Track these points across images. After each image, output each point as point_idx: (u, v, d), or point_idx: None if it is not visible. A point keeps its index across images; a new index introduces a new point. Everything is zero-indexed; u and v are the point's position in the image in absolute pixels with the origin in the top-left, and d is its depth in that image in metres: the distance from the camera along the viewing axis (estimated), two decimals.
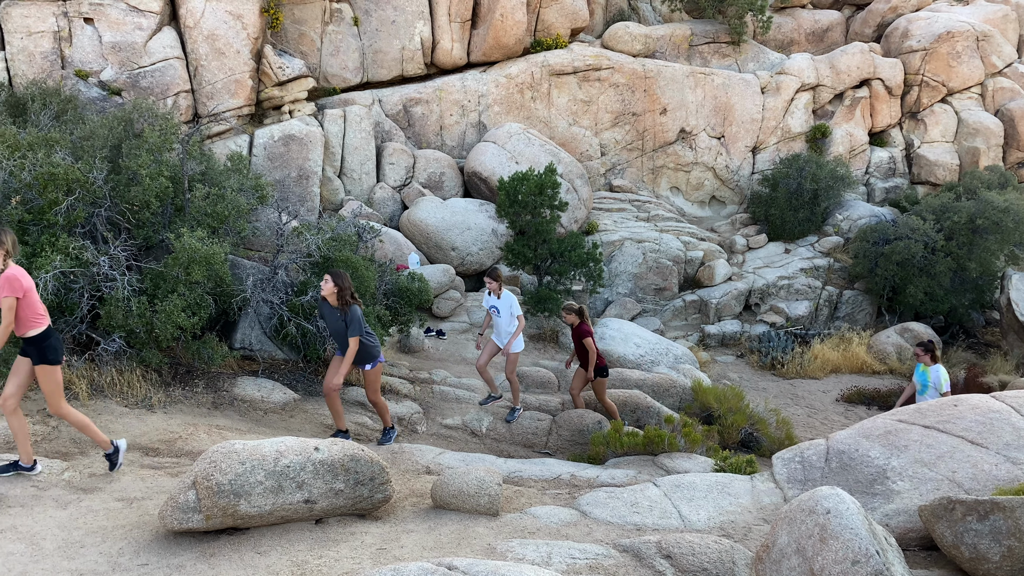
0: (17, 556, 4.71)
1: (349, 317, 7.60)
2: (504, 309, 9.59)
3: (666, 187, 20.79)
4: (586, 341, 9.52)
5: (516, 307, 9.61)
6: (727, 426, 10.26)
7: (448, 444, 9.26)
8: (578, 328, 9.62)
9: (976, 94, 22.80)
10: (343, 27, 17.52)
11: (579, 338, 9.59)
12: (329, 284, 7.59)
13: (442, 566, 3.56)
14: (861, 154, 21.94)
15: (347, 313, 7.62)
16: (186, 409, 8.35)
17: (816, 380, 15.31)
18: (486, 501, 5.57)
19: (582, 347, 9.62)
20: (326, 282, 7.61)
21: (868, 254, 17.80)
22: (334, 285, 7.59)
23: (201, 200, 9.17)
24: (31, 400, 7.63)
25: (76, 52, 14.27)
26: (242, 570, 4.56)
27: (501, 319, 9.64)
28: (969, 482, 5.44)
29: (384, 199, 16.72)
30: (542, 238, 14.34)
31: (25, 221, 8.18)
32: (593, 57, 19.54)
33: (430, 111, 18.09)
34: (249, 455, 4.97)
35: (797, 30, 24.30)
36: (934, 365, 9.26)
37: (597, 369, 9.64)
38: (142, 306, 8.05)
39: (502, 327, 9.68)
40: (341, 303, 7.62)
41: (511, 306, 9.57)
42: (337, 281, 7.60)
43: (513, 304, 9.59)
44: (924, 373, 9.32)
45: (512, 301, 9.59)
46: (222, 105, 14.98)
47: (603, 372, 9.71)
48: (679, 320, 17.34)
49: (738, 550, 4.86)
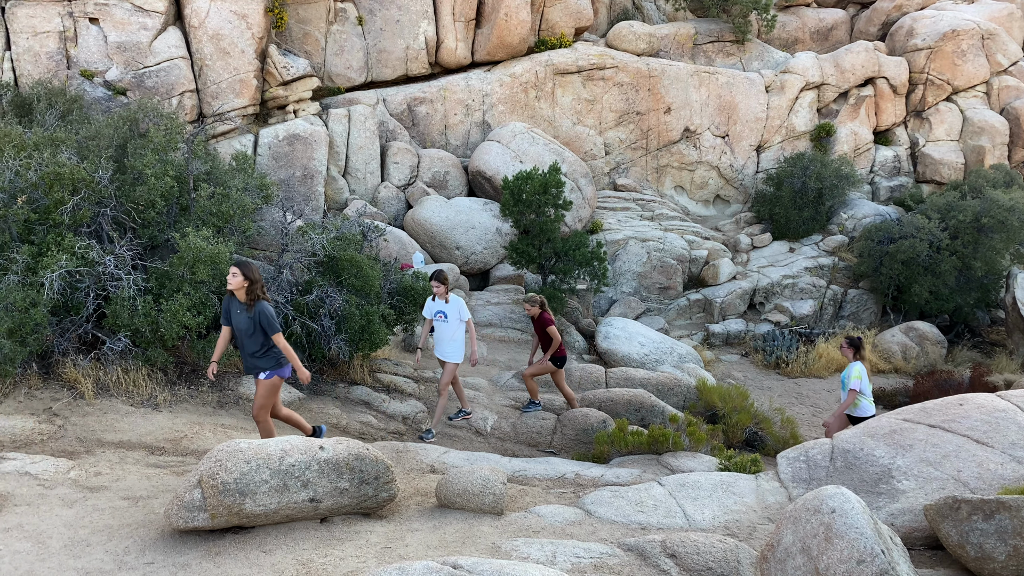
0: (24, 554, 4.73)
1: (258, 314, 6.56)
2: (452, 314, 9.04)
3: (670, 186, 20.77)
4: (550, 329, 9.49)
5: (465, 311, 9.11)
6: (731, 425, 10.25)
7: (452, 443, 9.26)
8: (541, 318, 9.61)
9: (981, 92, 22.74)
10: (347, 27, 17.54)
11: (543, 327, 9.58)
12: (237, 277, 6.53)
13: (447, 565, 3.57)
14: (866, 153, 21.90)
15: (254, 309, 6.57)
16: (191, 408, 8.37)
17: (821, 379, 15.29)
18: (491, 500, 5.58)
19: (546, 336, 9.60)
20: (233, 275, 6.56)
21: (873, 253, 17.77)
22: (243, 278, 6.53)
23: (206, 199, 9.18)
24: (36, 399, 7.66)
25: (81, 52, 14.31)
26: (247, 569, 4.58)
27: (448, 325, 9.04)
28: (975, 481, 5.43)
29: (388, 198, 16.73)
30: (546, 237, 14.34)
31: (31, 221, 8.20)
32: (597, 56, 19.53)
33: (434, 110, 18.10)
34: (254, 454, 4.98)
35: (801, 29, 24.27)
36: (853, 361, 9.20)
37: (555, 359, 9.64)
38: (147, 305, 8.07)
39: (446, 335, 9.06)
40: (250, 298, 6.59)
41: (460, 311, 9.06)
42: (246, 273, 6.56)
43: (462, 309, 9.10)
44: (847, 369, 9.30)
45: (460, 305, 9.11)
46: (227, 105, 15.01)
47: (561, 362, 9.74)
48: (683, 319, 17.33)
49: (743, 549, 4.86)
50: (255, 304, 6.59)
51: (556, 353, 9.63)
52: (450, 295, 9.12)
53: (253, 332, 6.60)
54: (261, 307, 6.58)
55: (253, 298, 6.61)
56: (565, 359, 9.82)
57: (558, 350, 9.62)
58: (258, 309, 6.56)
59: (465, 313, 9.07)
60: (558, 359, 9.70)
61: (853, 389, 9.00)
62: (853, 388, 9.00)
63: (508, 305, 14.90)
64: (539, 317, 9.64)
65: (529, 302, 9.64)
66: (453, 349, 9.07)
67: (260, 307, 6.57)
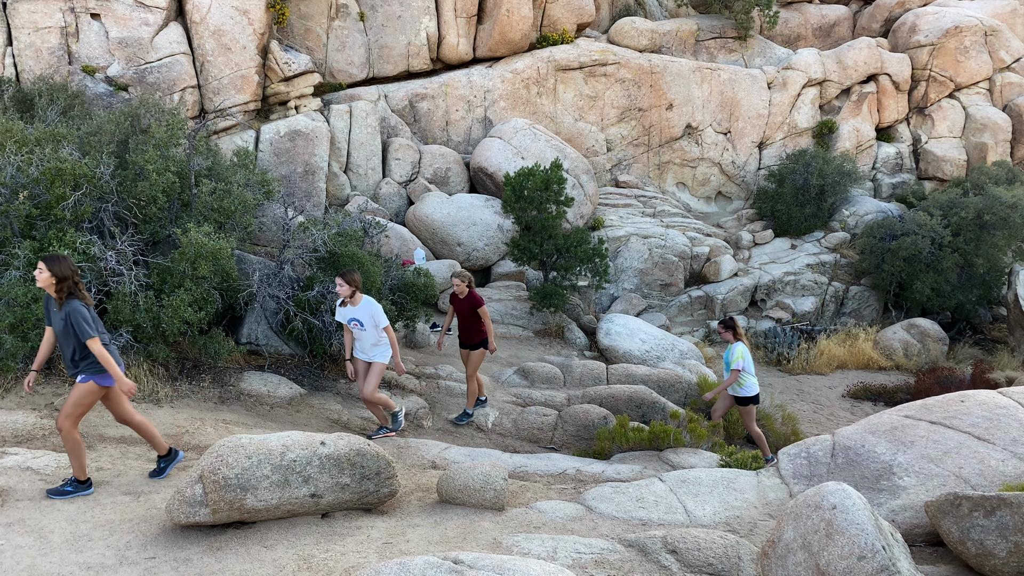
0: (26, 549, 4.74)
1: (67, 314, 5.61)
2: (367, 320, 7.94)
3: (672, 183, 20.75)
4: (483, 311, 9.14)
5: (381, 316, 7.97)
6: (733, 422, 10.25)
7: (454, 439, 9.27)
8: (471, 296, 9.19)
9: (984, 89, 22.69)
10: (349, 22, 17.52)
11: (472, 307, 9.17)
12: (44, 273, 5.66)
13: (448, 560, 3.57)
14: (868, 149, 21.86)
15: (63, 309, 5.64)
16: (193, 404, 8.38)
17: (822, 376, 15.29)
18: (492, 496, 5.58)
19: (471, 316, 9.18)
20: (40, 271, 5.70)
21: (875, 250, 17.75)
22: (49, 274, 5.63)
23: (208, 195, 9.18)
24: (38, 395, 7.67)
25: (83, 48, 14.30)
26: (249, 563, 4.58)
27: (367, 334, 8.01)
28: (976, 478, 5.43)
29: (390, 194, 16.73)
30: (548, 234, 14.33)
31: (33, 216, 8.21)
32: (599, 52, 19.51)
33: (436, 107, 18.08)
34: (256, 449, 4.99)
35: (804, 25, 24.22)
36: (735, 343, 9.44)
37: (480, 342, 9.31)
38: (149, 301, 8.08)
39: (367, 344, 8.06)
40: (59, 296, 5.68)
41: (374, 315, 7.93)
42: (53, 268, 5.63)
43: (377, 314, 7.93)
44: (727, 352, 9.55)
45: (374, 310, 7.93)
46: (228, 101, 15.00)
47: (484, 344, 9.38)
48: (685, 316, 17.32)
49: (744, 545, 4.86)
50: (64, 303, 5.71)
51: (480, 336, 9.26)
52: (361, 298, 7.93)
53: (65, 334, 5.73)
54: (71, 307, 5.67)
55: (63, 296, 5.74)
56: (486, 342, 9.35)
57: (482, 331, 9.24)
58: (67, 309, 5.66)
59: (381, 319, 7.96)
60: (482, 341, 9.31)
61: (736, 369, 9.22)
62: (737, 368, 9.22)
63: (510, 302, 14.90)
64: (468, 295, 9.18)
65: (459, 276, 9.14)
66: (379, 352, 8.12)
67: (70, 306, 5.67)
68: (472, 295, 9.23)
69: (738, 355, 9.29)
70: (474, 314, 9.27)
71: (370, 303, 7.94)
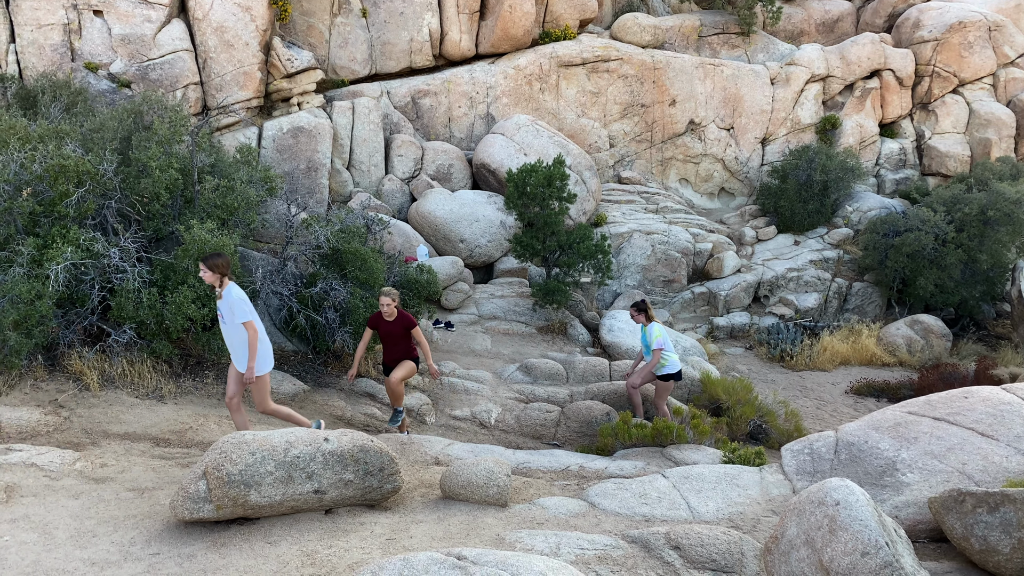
0: (30, 545, 4.75)
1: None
2: (227, 313, 6.59)
3: (675, 179, 20.72)
4: (417, 332, 8.27)
5: (242, 309, 6.52)
6: (736, 418, 10.25)
7: (457, 435, 9.28)
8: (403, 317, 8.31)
9: (988, 84, 22.62)
10: (351, 19, 17.50)
11: (407, 328, 8.28)
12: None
13: (451, 556, 3.57)
14: (871, 145, 21.81)
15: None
16: (196, 400, 8.39)
17: (825, 372, 15.28)
18: (495, 492, 5.59)
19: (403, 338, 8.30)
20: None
21: (878, 246, 17.72)
22: None
23: (211, 192, 9.19)
24: (42, 391, 7.68)
25: (86, 44, 14.30)
26: (252, 559, 4.59)
27: (228, 328, 6.67)
28: (979, 474, 5.43)
29: (392, 191, 16.72)
30: (550, 230, 14.32)
31: (36, 213, 8.22)
32: (602, 48, 19.47)
33: (438, 103, 18.07)
34: (259, 445, 4.99)
35: (807, 21, 24.15)
36: (649, 324, 9.55)
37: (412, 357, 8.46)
38: (152, 297, 8.09)
39: (234, 340, 6.68)
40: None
41: (232, 307, 6.53)
42: None
43: (236, 305, 6.53)
44: (643, 334, 9.67)
45: (235, 300, 6.55)
46: (231, 97, 15.00)
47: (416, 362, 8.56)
48: (688, 312, 17.32)
49: (747, 541, 4.86)
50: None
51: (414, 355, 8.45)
52: (225, 286, 6.60)
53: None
54: None
55: None
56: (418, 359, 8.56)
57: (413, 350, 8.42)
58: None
59: (242, 312, 6.53)
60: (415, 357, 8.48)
61: (659, 348, 9.34)
62: (658, 348, 9.34)
63: (512, 298, 14.90)
64: (398, 317, 8.26)
65: (388, 295, 8.12)
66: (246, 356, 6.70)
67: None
68: (403, 316, 8.27)
69: (656, 334, 9.42)
70: (407, 336, 8.31)
71: (232, 292, 6.54)
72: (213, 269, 6.44)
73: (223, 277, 6.50)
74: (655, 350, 9.38)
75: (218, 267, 6.44)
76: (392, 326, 8.24)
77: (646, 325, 9.60)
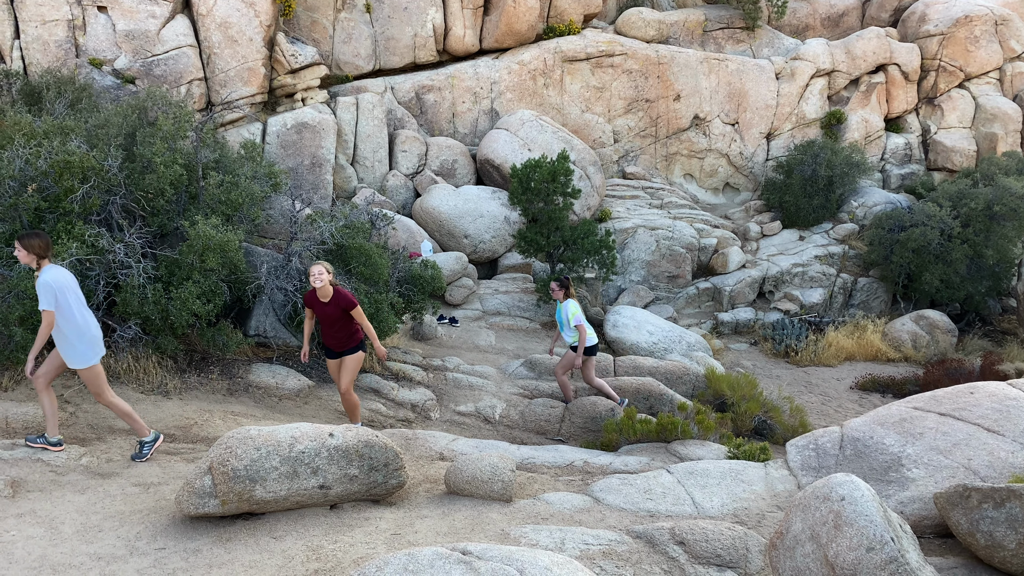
0: (37, 540, 4.77)
1: None
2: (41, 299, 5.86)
3: (679, 174, 20.68)
4: (357, 312, 7.42)
5: (44, 296, 5.82)
6: (740, 414, 10.24)
7: (461, 431, 9.29)
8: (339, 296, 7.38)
9: (994, 79, 22.53)
10: (355, 14, 17.49)
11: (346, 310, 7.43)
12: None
13: (456, 551, 3.57)
14: (877, 140, 21.74)
15: None
16: (201, 396, 8.41)
17: (830, 368, 15.25)
18: (499, 487, 5.59)
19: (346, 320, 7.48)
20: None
21: (883, 241, 17.67)
22: None
23: (215, 188, 9.20)
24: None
25: (90, 40, 14.32)
26: (258, 554, 4.60)
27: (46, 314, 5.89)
28: (985, 470, 5.41)
29: (397, 187, 16.72)
30: (555, 225, 14.31)
31: (41, 209, 8.23)
32: (606, 43, 19.43)
33: (442, 98, 18.05)
34: (264, 441, 5.00)
35: (812, 15, 24.07)
36: (566, 300, 9.62)
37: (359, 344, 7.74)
38: (157, 293, 8.10)
39: (63, 330, 6.02)
40: None
41: (44, 293, 5.86)
42: None
43: (41, 289, 5.84)
44: (558, 310, 9.72)
45: (40, 285, 5.85)
46: (235, 93, 15.01)
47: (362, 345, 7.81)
48: (692, 308, 17.29)
49: (752, 537, 4.86)
50: None
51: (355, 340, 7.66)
52: (47, 266, 5.99)
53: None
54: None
55: None
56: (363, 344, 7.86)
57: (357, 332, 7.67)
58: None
59: (43, 298, 5.83)
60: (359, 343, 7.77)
61: (580, 324, 9.41)
62: (579, 323, 9.41)
63: (517, 294, 14.90)
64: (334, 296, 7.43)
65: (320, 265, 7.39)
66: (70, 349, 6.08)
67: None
68: (339, 294, 7.36)
69: (573, 311, 9.48)
70: (346, 317, 7.51)
71: (43, 275, 5.90)
72: (28, 249, 5.88)
73: (40, 259, 5.93)
74: (577, 326, 9.44)
75: (34, 247, 5.89)
76: (328, 307, 7.37)
77: (562, 301, 9.64)
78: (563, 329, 9.72)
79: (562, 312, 9.65)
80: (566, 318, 9.56)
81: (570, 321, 9.52)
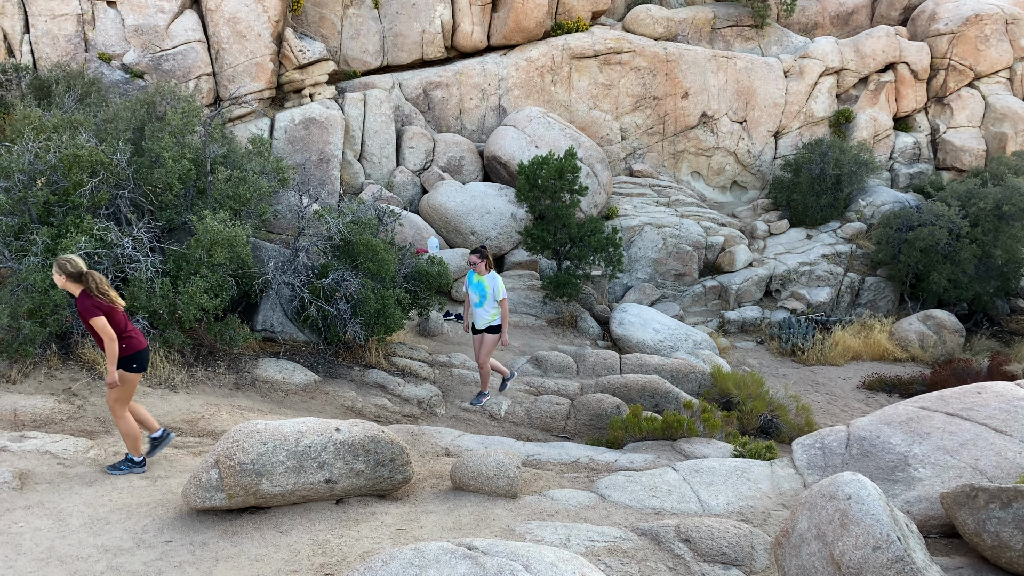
0: (44, 532, 4.79)
1: None
2: None
3: (687, 172, 20.64)
4: (97, 322, 5.60)
5: None
6: (746, 412, 10.22)
7: (467, 427, 9.29)
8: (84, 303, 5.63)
9: (1004, 78, 22.41)
10: (363, 10, 17.49)
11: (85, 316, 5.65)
12: None
13: (462, 546, 3.58)
14: (885, 139, 21.66)
15: None
16: (208, 390, 8.44)
17: (837, 367, 15.21)
18: (505, 483, 5.60)
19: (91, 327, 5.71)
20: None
21: (891, 240, 17.61)
22: None
23: (223, 183, 9.22)
24: (56, 379, 7.74)
25: (99, 35, 14.36)
26: (264, 548, 4.62)
27: None
28: (992, 470, 5.39)
29: (404, 183, 16.73)
30: (561, 223, 14.30)
31: (50, 202, 8.27)
32: (614, 40, 19.39)
33: (450, 95, 18.04)
34: (271, 435, 5.01)
35: (821, 13, 23.97)
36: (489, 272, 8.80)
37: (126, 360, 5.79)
38: (165, 287, 8.13)
39: None
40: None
41: None
42: None
43: None
44: (480, 283, 8.80)
45: None
46: (243, 88, 15.03)
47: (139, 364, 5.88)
48: (699, 306, 17.26)
49: (757, 535, 4.86)
50: None
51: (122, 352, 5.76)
52: None
53: None
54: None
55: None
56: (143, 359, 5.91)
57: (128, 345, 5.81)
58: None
59: None
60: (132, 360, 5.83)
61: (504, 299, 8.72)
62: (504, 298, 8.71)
63: (523, 291, 14.89)
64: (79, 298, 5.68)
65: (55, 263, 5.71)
66: None
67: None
68: (83, 300, 5.65)
69: (501, 285, 8.75)
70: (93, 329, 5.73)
71: None
72: None
73: None
74: (501, 300, 8.69)
75: None
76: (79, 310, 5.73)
77: (484, 274, 8.74)
78: (482, 304, 8.75)
79: (487, 286, 8.69)
80: (492, 292, 8.68)
81: (497, 295, 8.68)
